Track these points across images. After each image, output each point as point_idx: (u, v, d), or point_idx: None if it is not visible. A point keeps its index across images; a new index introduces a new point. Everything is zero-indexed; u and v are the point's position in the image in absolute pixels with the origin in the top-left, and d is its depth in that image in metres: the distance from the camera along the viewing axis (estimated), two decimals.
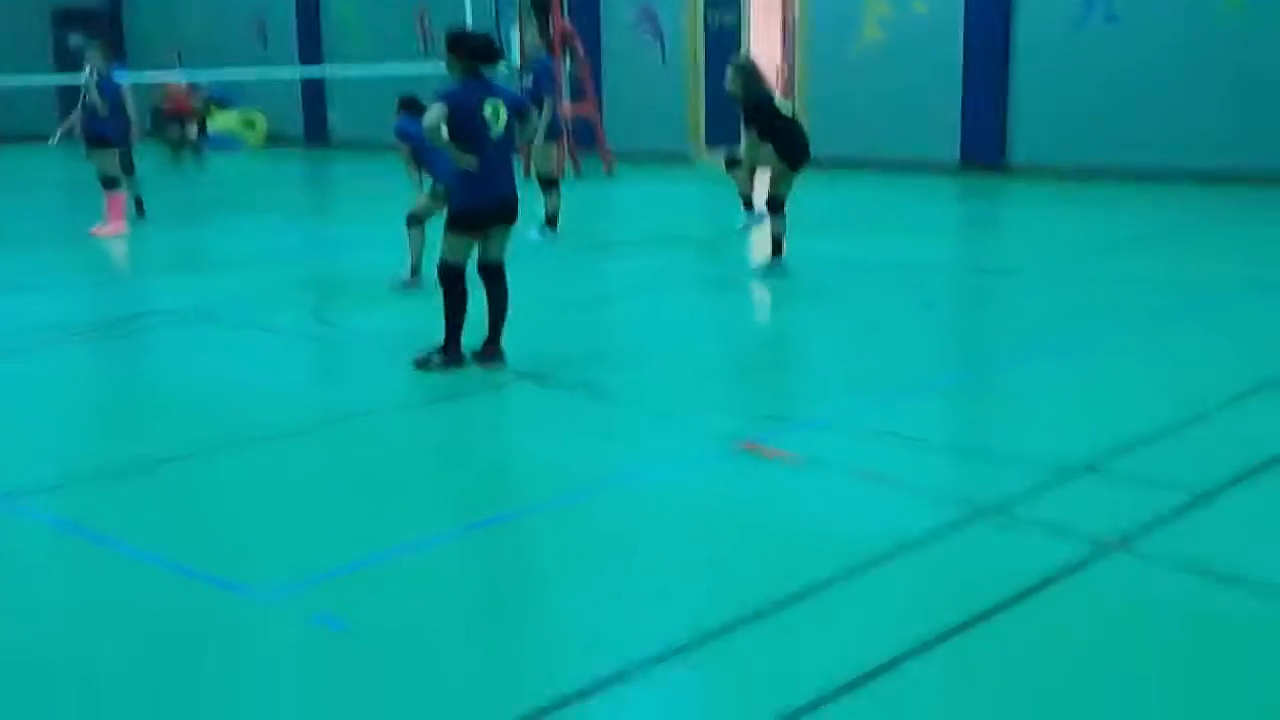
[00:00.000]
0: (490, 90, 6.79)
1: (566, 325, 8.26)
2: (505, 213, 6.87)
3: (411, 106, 8.94)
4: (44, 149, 15.92)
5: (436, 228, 7.33)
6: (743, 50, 17.92)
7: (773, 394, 6.66)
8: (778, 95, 9.55)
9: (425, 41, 20.74)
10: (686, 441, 5.62)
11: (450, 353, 6.81)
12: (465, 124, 6.67)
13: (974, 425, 6.16)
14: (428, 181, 8.92)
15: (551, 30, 16.36)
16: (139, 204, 13.03)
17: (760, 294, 9.32)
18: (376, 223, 11.77)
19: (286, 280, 9.86)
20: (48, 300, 9.14)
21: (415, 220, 8.98)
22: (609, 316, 8.83)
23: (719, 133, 18.64)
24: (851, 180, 15.45)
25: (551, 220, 11.26)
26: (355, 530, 4.66)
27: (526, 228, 10.34)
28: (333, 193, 18.10)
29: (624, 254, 11.19)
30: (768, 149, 9.37)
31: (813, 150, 9.53)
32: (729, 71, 9.50)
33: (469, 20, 15.95)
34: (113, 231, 11.89)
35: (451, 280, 6.81)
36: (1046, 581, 4.01)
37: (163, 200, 13.94)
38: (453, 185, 7.00)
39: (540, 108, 10.98)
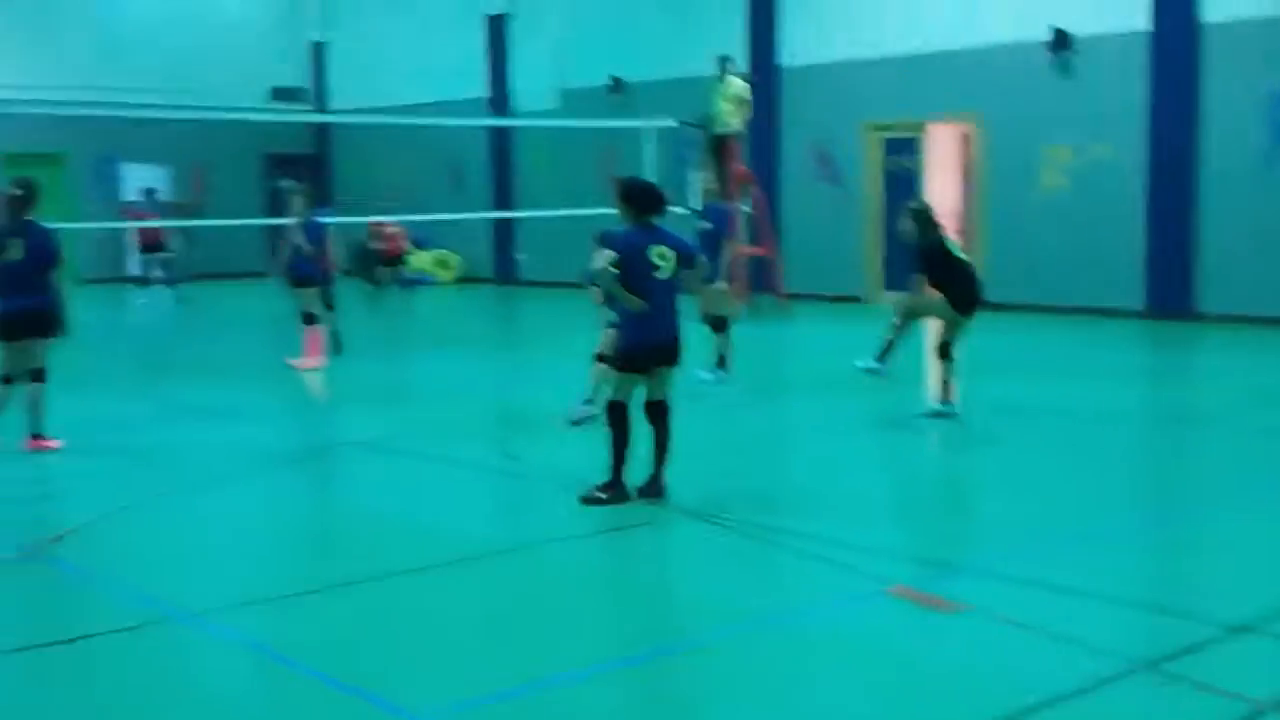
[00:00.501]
0: (658, 236, 7.11)
1: (733, 465, 8.43)
2: (670, 354, 7.13)
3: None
4: (254, 286, 16.98)
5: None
6: (919, 195, 18.12)
7: (933, 539, 6.67)
8: (953, 239, 9.60)
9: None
10: (845, 584, 5.68)
11: (615, 488, 7.03)
12: (634, 268, 6.99)
13: (1140, 577, 6.05)
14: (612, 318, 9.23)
15: (729, 174, 16.82)
16: (336, 339, 13.75)
17: (929, 438, 9.32)
18: (560, 357, 12.18)
19: (472, 413, 10.29)
20: (245, 429, 9.71)
21: (603, 357, 9.16)
22: (776, 458, 8.96)
23: (896, 276, 18.76)
24: (1032, 325, 15.32)
25: (722, 361, 11.49)
26: (517, 658, 4.85)
27: (699, 369, 10.65)
28: (518, 328, 18.75)
29: (794, 396, 11.33)
30: (937, 297, 9.45)
31: (992, 295, 9.56)
32: (904, 216, 9.67)
33: (649, 164, 16.58)
34: (311, 365, 12.58)
35: (618, 417, 7.06)
36: None
37: (361, 336, 14.71)
38: (621, 326, 7.28)
39: (716, 251, 11.33)
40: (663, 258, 7.05)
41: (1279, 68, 14.80)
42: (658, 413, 7.19)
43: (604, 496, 7.03)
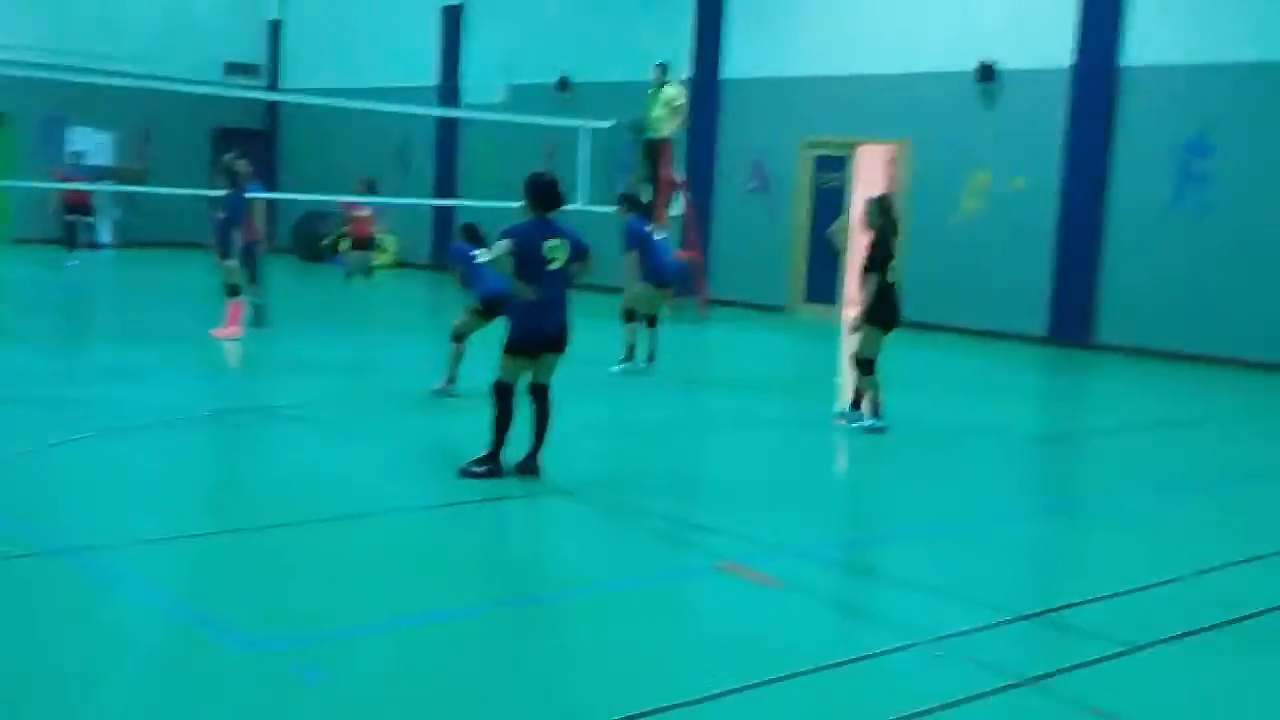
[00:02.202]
0: (553, 230, 7.53)
1: (623, 450, 8.93)
2: (557, 342, 7.56)
3: (470, 233, 10.20)
4: (194, 256, 17.21)
5: (478, 344, 8.12)
6: (846, 211, 18.69)
7: (780, 523, 7.10)
8: (896, 243, 9.79)
9: None
10: (681, 559, 6.14)
11: (491, 463, 7.45)
12: (528, 259, 7.40)
13: (946, 569, 6.55)
14: (471, 300, 9.98)
15: (660, 178, 17.28)
16: (260, 311, 14.05)
17: (821, 439, 9.80)
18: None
19: (375, 388, 10.69)
20: (153, 390, 10.03)
21: (457, 336, 10.06)
22: (661, 446, 9.42)
23: (819, 288, 19.31)
24: (941, 344, 15.88)
25: (629, 353, 12.00)
26: (371, 602, 5.30)
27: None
28: (441, 312, 19.05)
29: (699, 391, 11.85)
30: (868, 329, 9.61)
31: (909, 313, 9.82)
32: (866, 204, 9.86)
33: (584, 163, 17.02)
34: (230, 334, 12.90)
35: (503, 398, 7.48)
36: (952, 704, 4.42)
37: (288, 310, 15.01)
38: (514, 314, 7.69)
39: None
40: (555, 250, 7.47)
41: (1195, 116, 15.44)
42: (540, 395, 7.61)
43: (479, 470, 7.44)
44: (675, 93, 17.48)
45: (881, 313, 9.62)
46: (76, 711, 4.13)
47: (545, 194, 7.59)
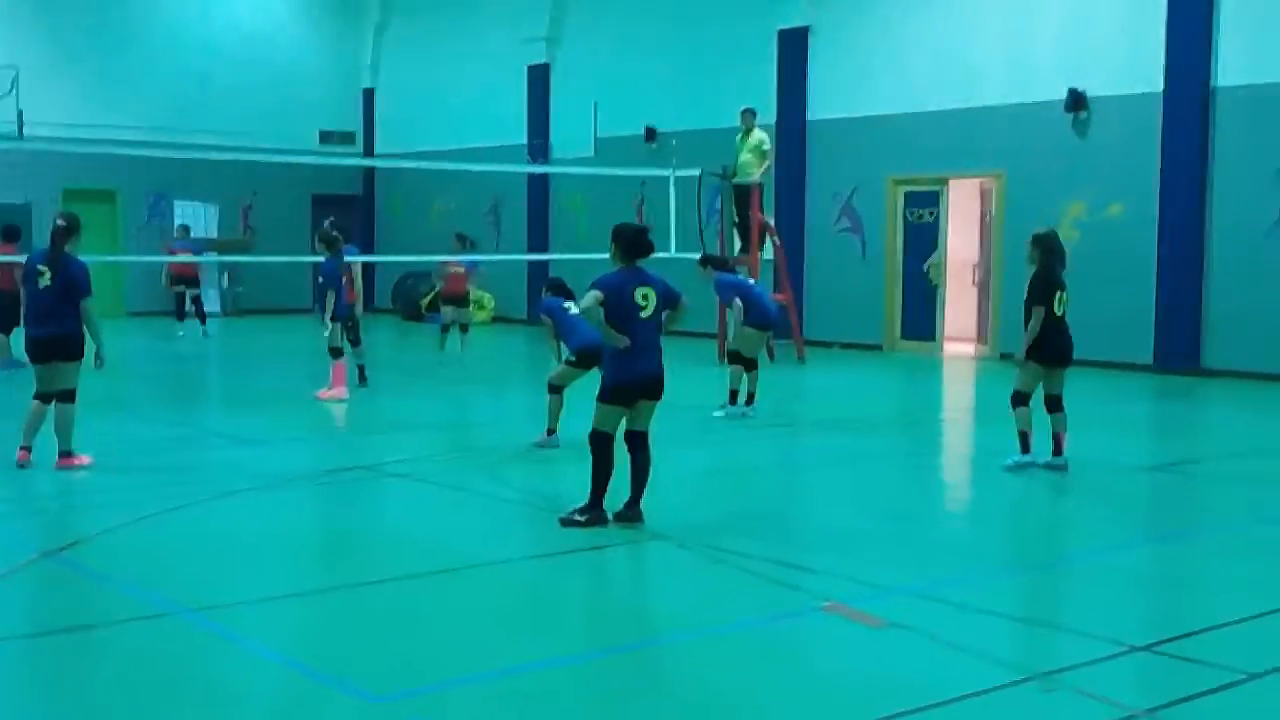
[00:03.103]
0: (643, 278, 7.62)
1: (724, 493, 9.05)
2: (653, 389, 7.61)
3: (557, 288, 10.54)
4: (300, 321, 17.59)
5: (576, 394, 8.19)
6: (941, 246, 18.62)
7: (886, 562, 7.05)
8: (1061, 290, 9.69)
9: None
10: (786, 601, 6.14)
11: (593, 511, 7.53)
12: (619, 307, 7.49)
13: (1058, 601, 6.47)
14: (565, 353, 10.23)
15: (750, 222, 17.35)
16: (361, 372, 14.35)
17: (924, 477, 9.72)
18: (571, 392, 12.71)
19: (472, 443, 10.86)
20: (266, 452, 10.31)
21: (554, 388, 10.19)
22: (771, 488, 9.48)
23: (915, 326, 19.18)
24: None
25: (734, 397, 12.05)
26: (483, 650, 5.40)
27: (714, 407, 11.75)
28: (539, 367, 19.25)
29: (801, 433, 11.87)
30: (1026, 364, 9.50)
31: (1010, 347, 9.62)
32: (1029, 244, 9.77)
33: (674, 210, 17.14)
34: (335, 396, 13.19)
35: (601, 447, 7.54)
36: None
37: (389, 369, 15.32)
38: (607, 363, 7.77)
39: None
40: (646, 298, 7.56)
41: None
42: (638, 443, 7.66)
43: (581, 519, 7.51)
44: (763, 137, 17.58)
45: (1044, 348, 9.47)
46: None
47: (633, 242, 7.69)
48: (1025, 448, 9.44)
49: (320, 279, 13.72)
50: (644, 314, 7.55)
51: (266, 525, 7.89)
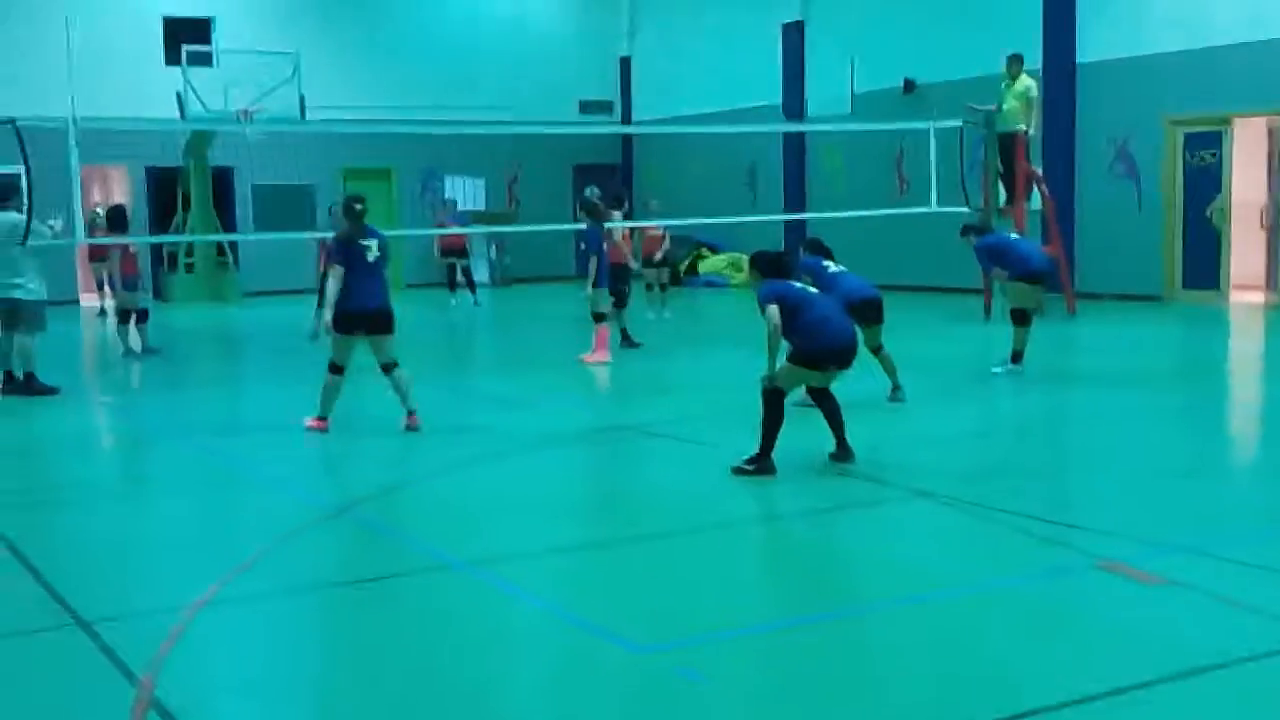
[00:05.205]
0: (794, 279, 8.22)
1: (992, 450, 8.90)
2: (846, 357, 7.95)
3: (815, 247, 10.46)
4: (565, 288, 18.03)
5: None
6: (1225, 189, 17.55)
7: (1163, 519, 6.75)
8: None
9: (901, 187, 21.71)
10: (1058, 558, 5.96)
11: (762, 461, 7.80)
12: (793, 303, 7.87)
13: None
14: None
15: (1017, 172, 16.79)
16: (625, 335, 14.62)
17: (1201, 432, 9.26)
18: None
19: (733, 404, 10.88)
20: (534, 414, 10.66)
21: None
22: (1041, 444, 9.25)
23: (1197, 275, 18.18)
24: None
25: (1016, 356, 11.69)
26: (735, 607, 5.45)
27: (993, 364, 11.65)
28: None
29: (1072, 388, 11.45)
30: None
31: None
32: None
33: (934, 164, 16.72)
34: (599, 359, 13.50)
35: (775, 404, 7.83)
36: None
37: (651, 333, 15.58)
38: (801, 338, 7.92)
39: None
40: (805, 286, 8.21)
41: None
42: (826, 395, 8.11)
43: (750, 468, 7.81)
44: (1030, 84, 16.93)
45: None
46: (492, 708, 4.45)
47: (773, 265, 8.12)
48: None
49: (583, 245, 14.05)
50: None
51: (538, 482, 8.16)
